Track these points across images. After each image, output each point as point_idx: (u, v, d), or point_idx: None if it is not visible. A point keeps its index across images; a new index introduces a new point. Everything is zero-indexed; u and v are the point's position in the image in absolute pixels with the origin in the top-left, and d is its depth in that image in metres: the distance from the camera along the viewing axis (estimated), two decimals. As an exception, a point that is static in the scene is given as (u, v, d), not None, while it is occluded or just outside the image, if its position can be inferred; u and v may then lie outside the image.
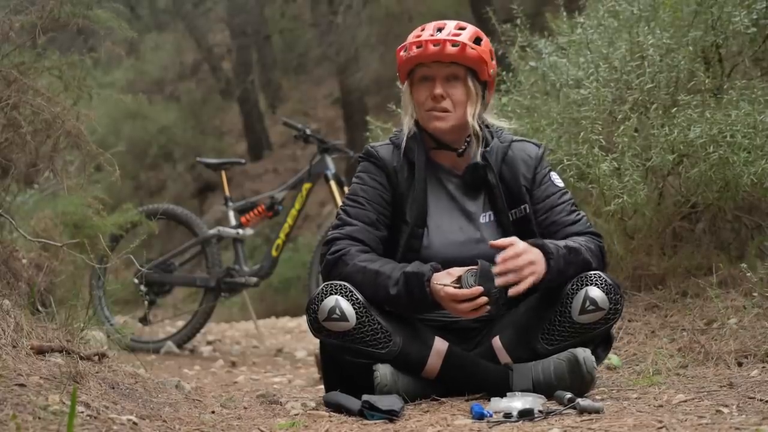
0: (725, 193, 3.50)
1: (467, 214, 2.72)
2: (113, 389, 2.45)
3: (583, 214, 2.76)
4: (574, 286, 2.55)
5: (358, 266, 2.57)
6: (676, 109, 3.47)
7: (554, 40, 4.18)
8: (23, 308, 2.89)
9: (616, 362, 3.01)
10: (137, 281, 4.77)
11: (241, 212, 5.15)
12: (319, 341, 2.69)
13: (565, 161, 3.54)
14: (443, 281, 2.49)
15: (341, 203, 2.79)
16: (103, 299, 4.93)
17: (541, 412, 2.28)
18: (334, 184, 5.00)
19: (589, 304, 2.52)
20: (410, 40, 2.70)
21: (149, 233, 3.94)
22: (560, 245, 2.55)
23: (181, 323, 5.48)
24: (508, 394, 2.41)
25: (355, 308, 2.52)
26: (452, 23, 2.70)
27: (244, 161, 6.31)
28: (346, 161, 7.26)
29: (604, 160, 3.45)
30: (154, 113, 14.50)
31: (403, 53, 2.71)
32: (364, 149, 2.81)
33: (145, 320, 5.06)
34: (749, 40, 3.59)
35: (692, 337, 3.06)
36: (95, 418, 2.11)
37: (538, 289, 2.59)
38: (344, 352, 2.55)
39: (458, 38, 2.64)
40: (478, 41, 2.68)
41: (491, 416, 2.29)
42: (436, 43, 2.64)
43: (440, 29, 2.68)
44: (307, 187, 5.05)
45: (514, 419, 2.24)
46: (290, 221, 5.04)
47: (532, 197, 2.72)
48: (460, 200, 2.74)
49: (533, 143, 2.82)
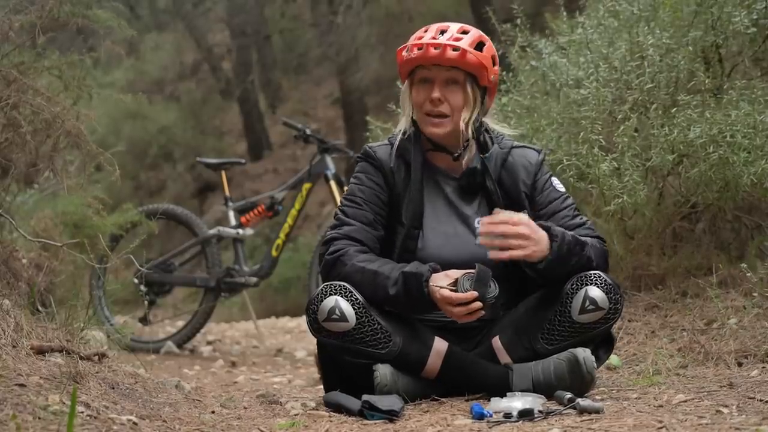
0: (725, 193, 3.50)
1: (463, 217, 2.72)
2: (113, 389, 2.45)
3: (586, 218, 2.76)
4: (573, 285, 2.55)
5: (356, 266, 2.57)
6: (676, 109, 3.47)
7: (554, 40, 4.18)
8: (23, 308, 2.89)
9: (616, 362, 3.01)
10: (137, 281, 4.77)
11: (241, 212, 5.15)
12: (317, 341, 2.69)
13: (565, 161, 3.54)
14: (440, 283, 2.50)
15: (339, 203, 2.79)
16: (103, 299, 4.93)
17: (541, 412, 2.28)
18: (334, 184, 5.00)
19: (589, 303, 2.52)
20: (412, 41, 2.69)
21: (149, 233, 3.94)
22: (568, 233, 2.55)
23: (181, 323, 5.48)
24: (508, 394, 2.41)
25: (354, 308, 2.52)
26: (455, 26, 2.69)
27: (244, 161, 6.31)
28: (346, 161, 7.26)
29: (604, 160, 3.45)
30: (154, 113, 14.49)
31: (404, 53, 2.70)
32: (362, 149, 2.81)
33: (145, 320, 5.06)
34: (749, 40, 3.59)
35: (692, 337, 3.06)
36: (95, 418, 2.11)
37: (538, 285, 2.60)
38: (344, 352, 2.55)
39: (459, 43, 2.63)
40: (480, 46, 2.66)
41: (491, 416, 2.29)
42: (436, 46, 2.63)
43: (443, 32, 2.67)
44: (307, 187, 5.05)
45: (514, 419, 2.24)
46: (290, 221, 5.05)
47: (534, 203, 2.72)
48: (456, 203, 2.74)
49: (533, 149, 2.81)
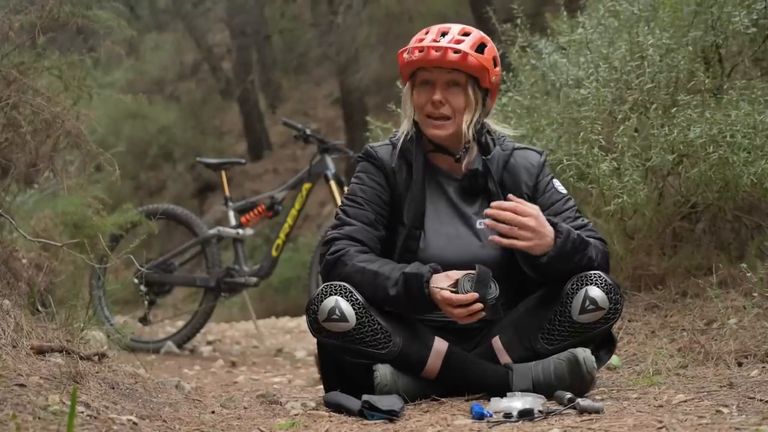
0: (725, 193, 3.50)
1: (465, 218, 2.72)
2: (113, 389, 2.45)
3: (587, 220, 2.76)
4: (574, 285, 2.55)
5: (357, 266, 2.57)
6: (675, 109, 3.47)
7: (554, 39, 4.18)
8: (23, 308, 2.89)
9: (616, 362, 3.01)
10: (137, 281, 4.77)
11: (241, 212, 5.15)
12: (317, 341, 2.69)
13: (565, 161, 3.54)
14: (441, 284, 2.49)
15: (340, 203, 2.79)
16: (103, 299, 4.93)
17: (541, 412, 2.28)
18: (334, 184, 5.00)
19: (589, 303, 2.52)
20: (413, 43, 2.69)
21: (149, 233, 3.94)
22: (574, 231, 2.56)
23: (181, 323, 5.48)
24: (508, 394, 2.41)
25: (354, 309, 2.52)
26: (457, 28, 2.68)
27: (244, 161, 6.31)
28: (346, 161, 7.26)
29: (604, 160, 3.45)
30: (154, 113, 14.49)
31: (405, 56, 2.70)
32: (363, 149, 2.81)
33: (145, 320, 5.06)
34: (749, 40, 3.59)
35: (692, 337, 3.06)
36: (95, 418, 2.10)
37: (538, 284, 2.61)
38: (344, 352, 2.55)
39: (460, 46, 2.62)
40: (481, 48, 2.66)
41: (491, 416, 2.29)
42: (437, 49, 2.62)
43: (444, 34, 2.66)
44: (307, 187, 5.05)
45: (514, 419, 2.24)
46: (290, 221, 5.05)
47: (535, 204, 2.72)
48: (458, 204, 2.74)
49: (535, 151, 2.81)
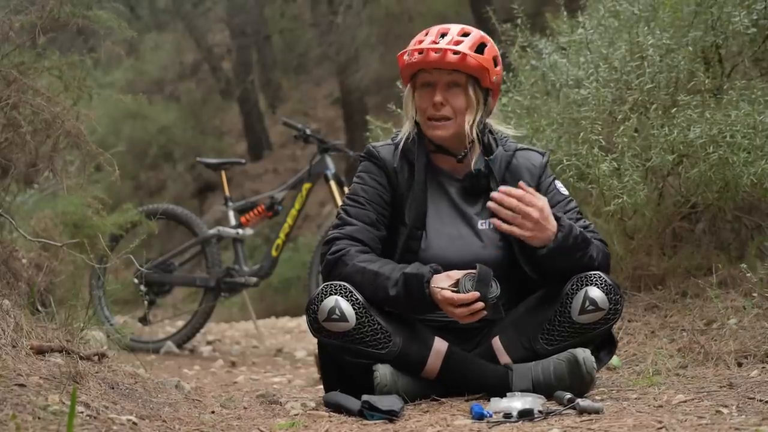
0: (725, 193, 3.50)
1: (467, 218, 2.72)
2: (113, 389, 2.45)
3: (589, 221, 2.76)
4: (573, 286, 2.55)
5: (357, 266, 2.57)
6: (675, 109, 3.47)
7: (554, 40, 4.18)
8: (23, 308, 2.89)
9: (615, 362, 3.01)
10: (137, 281, 4.77)
11: (241, 212, 5.15)
12: (317, 341, 2.69)
13: (565, 161, 3.54)
14: (441, 284, 2.49)
15: (341, 203, 2.79)
16: (103, 299, 4.93)
17: (540, 412, 2.28)
18: (334, 184, 5.00)
19: (588, 304, 2.52)
20: (412, 45, 2.69)
21: (149, 233, 3.94)
22: (576, 228, 2.56)
23: (180, 323, 5.48)
24: (507, 394, 2.42)
25: (354, 309, 2.52)
26: (456, 29, 2.67)
27: (244, 161, 6.31)
28: (346, 161, 7.27)
29: (603, 160, 3.45)
30: (154, 113, 14.49)
31: (405, 58, 2.69)
32: (365, 149, 2.80)
33: (144, 320, 5.06)
34: (749, 40, 3.59)
35: (692, 337, 3.06)
36: (95, 418, 2.11)
37: (538, 284, 2.61)
38: (344, 352, 2.55)
39: (459, 47, 2.62)
40: (481, 48, 2.65)
41: (491, 416, 2.29)
42: (437, 50, 2.62)
43: (443, 35, 2.65)
44: (307, 187, 5.04)
45: (513, 419, 2.24)
46: (290, 221, 5.04)
47: None
48: (460, 204, 2.73)
49: (538, 152, 2.81)
